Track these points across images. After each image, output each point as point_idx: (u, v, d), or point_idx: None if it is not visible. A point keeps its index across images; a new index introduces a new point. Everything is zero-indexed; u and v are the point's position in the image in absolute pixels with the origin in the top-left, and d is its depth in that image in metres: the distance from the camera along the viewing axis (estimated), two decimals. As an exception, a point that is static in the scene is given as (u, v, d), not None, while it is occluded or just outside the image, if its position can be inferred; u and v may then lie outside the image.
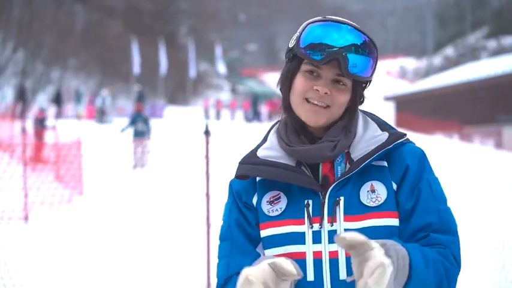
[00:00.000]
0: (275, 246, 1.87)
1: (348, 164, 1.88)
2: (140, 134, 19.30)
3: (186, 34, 76.07)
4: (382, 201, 1.85)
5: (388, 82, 79.48)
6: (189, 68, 57.80)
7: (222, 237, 1.98)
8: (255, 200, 1.95)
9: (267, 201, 1.92)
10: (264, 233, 1.91)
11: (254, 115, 44.00)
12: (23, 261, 7.89)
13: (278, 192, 1.92)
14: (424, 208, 1.86)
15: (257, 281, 1.62)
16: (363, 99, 1.97)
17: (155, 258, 8.31)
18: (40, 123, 20.95)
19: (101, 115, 34.55)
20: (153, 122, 35.68)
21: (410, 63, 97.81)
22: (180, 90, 66.27)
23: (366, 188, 1.86)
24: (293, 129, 1.94)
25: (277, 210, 1.90)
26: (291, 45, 1.92)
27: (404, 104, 49.09)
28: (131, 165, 18.82)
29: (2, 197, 11.37)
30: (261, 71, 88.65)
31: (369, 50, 1.87)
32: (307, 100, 1.87)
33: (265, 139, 2.00)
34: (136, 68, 51.16)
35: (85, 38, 58.35)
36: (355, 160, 1.87)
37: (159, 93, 59.02)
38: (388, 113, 51.82)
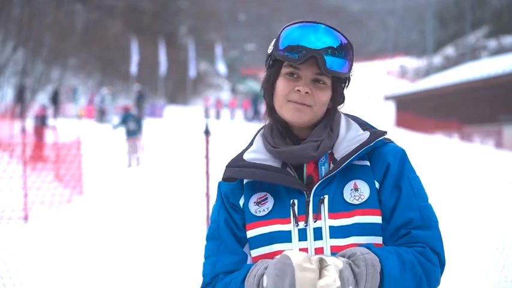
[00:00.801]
0: (262, 246, 1.92)
1: (331, 164, 1.93)
2: (132, 133, 19.68)
3: (186, 34, 76.09)
4: (365, 199, 1.90)
5: (389, 82, 79.52)
6: (189, 67, 57.83)
7: (209, 237, 2.02)
8: (241, 202, 1.99)
9: (254, 202, 1.97)
10: (251, 233, 1.96)
11: (254, 115, 43.98)
12: (22, 261, 7.88)
13: (265, 193, 1.97)
14: (405, 205, 1.89)
15: (314, 264, 1.67)
16: (343, 99, 2.02)
17: (155, 258, 8.31)
18: (41, 121, 20.82)
19: (100, 114, 34.53)
20: (153, 122, 35.78)
21: (411, 62, 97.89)
22: (180, 89, 66.29)
23: (349, 186, 1.91)
24: (278, 132, 1.99)
25: (264, 210, 1.95)
26: (269, 51, 1.98)
27: (405, 103, 49.13)
28: (126, 164, 19.08)
29: (1, 197, 11.38)
30: (261, 71, 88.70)
31: (345, 52, 1.92)
32: (289, 101, 1.92)
33: (251, 143, 2.06)
34: (133, 67, 51.17)
35: (85, 38, 58.38)
36: (338, 160, 1.92)
37: (159, 93, 59.06)
38: (388, 113, 51.85)
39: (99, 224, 10.61)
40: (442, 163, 20.39)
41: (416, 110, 44.34)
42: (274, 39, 1.96)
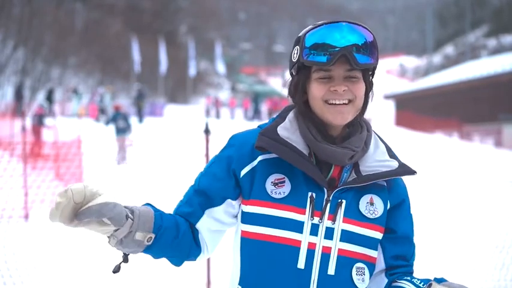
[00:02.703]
0: (271, 227, 1.95)
1: (353, 173, 2.01)
2: (122, 131, 20.15)
3: (186, 32, 76.04)
4: (378, 215, 2.02)
5: (388, 81, 79.48)
6: (189, 66, 57.78)
7: (195, 180, 2.14)
8: (243, 172, 2.02)
9: (272, 182, 1.98)
10: (258, 209, 1.98)
11: (254, 114, 43.96)
12: (23, 259, 7.89)
13: (283, 176, 1.99)
14: (408, 241, 2.10)
15: (70, 200, 1.77)
16: (372, 86, 2.09)
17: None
18: (38, 120, 20.96)
19: (99, 113, 34.52)
20: (153, 121, 35.77)
21: (410, 61, 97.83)
22: (180, 88, 66.24)
23: (365, 199, 2.01)
24: (313, 125, 2.01)
25: (280, 193, 1.97)
26: (294, 59, 2.00)
27: (404, 102, 49.09)
28: (115, 159, 19.44)
29: (2, 196, 11.37)
30: (261, 69, 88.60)
31: (370, 49, 1.96)
32: (327, 102, 1.96)
33: (283, 117, 2.08)
34: (137, 66, 51.16)
35: (85, 37, 58.31)
36: (363, 174, 2.00)
37: (159, 92, 59.02)
38: (388, 112, 51.82)
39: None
40: (441, 162, 20.39)
41: (416, 108, 44.32)
42: (297, 46, 1.99)
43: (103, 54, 57.53)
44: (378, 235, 2.01)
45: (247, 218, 1.99)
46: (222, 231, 2.11)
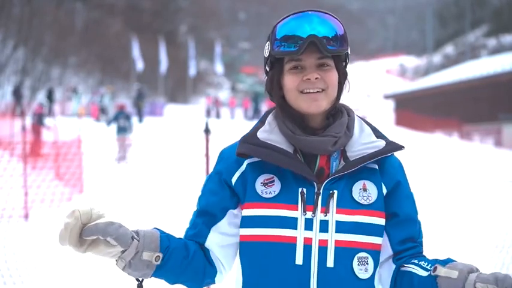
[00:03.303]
0: (264, 227, 1.95)
1: (342, 161, 1.99)
2: (123, 130, 20.45)
3: (186, 32, 76.05)
4: (372, 200, 1.98)
5: (388, 80, 79.44)
6: (189, 66, 57.78)
7: (196, 206, 2.13)
8: (234, 179, 2.02)
9: (261, 183, 1.98)
10: (251, 212, 1.98)
11: (254, 113, 43.93)
12: (23, 259, 7.89)
13: (272, 175, 1.99)
14: (412, 220, 2.07)
15: (78, 220, 1.86)
16: (346, 75, 2.06)
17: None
18: (38, 119, 21.03)
19: (100, 113, 34.53)
20: (153, 120, 35.77)
21: (410, 61, 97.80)
22: (180, 88, 66.27)
23: (358, 185, 1.98)
24: (292, 120, 2.00)
25: (270, 192, 1.97)
26: (266, 54, 2.01)
27: (404, 102, 49.10)
28: (115, 159, 19.65)
29: (2, 195, 11.37)
30: (261, 69, 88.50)
31: (340, 42, 1.95)
32: (302, 92, 1.95)
33: (262, 122, 2.08)
34: (139, 66, 51.15)
35: (85, 36, 58.33)
36: (351, 159, 1.98)
37: (159, 92, 59.03)
38: (388, 111, 51.82)
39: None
40: (441, 162, 20.39)
41: (415, 108, 44.31)
42: (268, 41, 2.00)
43: (103, 54, 57.54)
44: (379, 221, 1.98)
45: (243, 222, 1.99)
46: (233, 244, 2.07)
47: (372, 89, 70.56)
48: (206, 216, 2.05)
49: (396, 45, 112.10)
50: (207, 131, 7.07)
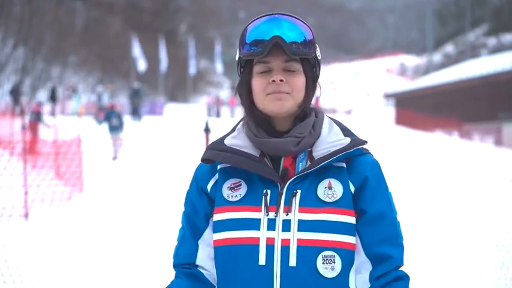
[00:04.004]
0: (229, 230, 1.97)
1: (309, 162, 1.99)
2: (114, 129, 20.75)
3: (186, 31, 76.07)
4: (337, 197, 1.96)
5: (388, 79, 79.49)
6: (189, 65, 57.80)
7: (181, 222, 2.14)
8: (209, 186, 2.05)
9: (228, 187, 2.01)
10: (219, 216, 2.00)
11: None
12: (23, 258, 7.89)
13: (239, 180, 2.01)
14: (387, 219, 2.00)
15: None
16: (316, 83, 2.05)
17: (156, 255, 8.32)
18: (36, 117, 21.12)
19: (97, 112, 34.51)
20: (153, 119, 35.75)
21: (410, 60, 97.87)
22: (180, 87, 66.32)
23: (323, 184, 1.98)
24: (260, 124, 2.02)
25: (236, 196, 1.99)
26: (237, 57, 2.04)
27: (404, 101, 49.09)
28: (111, 157, 19.98)
29: (2, 194, 11.37)
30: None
31: (308, 48, 1.96)
32: (268, 94, 1.96)
33: (233, 129, 2.11)
34: (141, 65, 51.13)
35: (85, 36, 58.35)
36: (316, 159, 1.97)
37: (159, 91, 59.06)
38: (388, 110, 51.82)
39: (100, 222, 10.62)
40: (441, 161, 20.39)
41: (416, 107, 44.29)
42: (239, 44, 2.00)
43: (103, 53, 57.58)
44: (345, 218, 1.95)
45: (213, 227, 2.03)
46: None
47: (372, 88, 70.58)
48: (191, 228, 2.08)
49: (396, 44, 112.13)
50: (207, 130, 7.08)
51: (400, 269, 2.00)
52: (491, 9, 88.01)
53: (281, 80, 1.94)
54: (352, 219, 1.97)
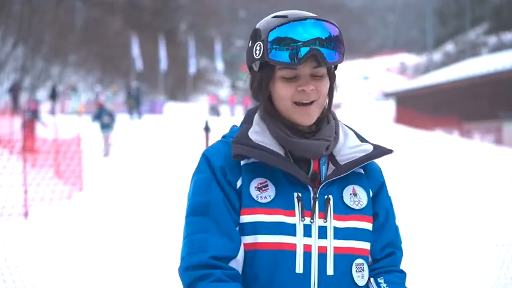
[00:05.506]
0: (266, 234, 1.86)
1: (331, 165, 1.95)
2: (106, 127, 21.09)
3: (186, 30, 76.04)
4: (364, 205, 1.96)
5: (388, 78, 79.48)
6: (189, 64, 57.80)
7: (195, 213, 1.91)
8: (239, 182, 1.90)
9: (256, 187, 1.90)
10: (249, 218, 1.88)
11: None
12: (23, 257, 7.89)
13: (265, 179, 1.91)
14: (390, 224, 2.03)
15: None
16: (335, 77, 2.00)
17: (156, 254, 8.31)
18: (32, 114, 21.19)
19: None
20: (153, 118, 35.75)
21: (411, 59, 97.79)
22: (180, 86, 66.30)
23: (348, 190, 1.95)
24: (280, 122, 1.94)
25: (266, 197, 1.88)
26: (257, 55, 1.91)
27: (405, 100, 49.08)
28: (102, 154, 20.48)
29: (1, 193, 11.36)
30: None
31: (334, 44, 1.88)
32: (296, 103, 1.89)
33: (249, 121, 1.99)
34: (139, 64, 51.13)
35: (85, 35, 58.35)
36: (341, 164, 1.94)
37: (159, 90, 59.05)
38: (388, 109, 51.81)
39: (99, 221, 10.62)
40: (441, 160, 20.39)
41: (416, 106, 44.27)
42: (259, 42, 1.90)
43: (103, 52, 57.57)
44: (369, 226, 1.95)
45: (243, 229, 1.89)
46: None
47: (372, 87, 70.54)
48: (223, 218, 1.89)
49: (396, 43, 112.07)
50: (206, 129, 7.07)
51: None
52: (491, 7, 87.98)
53: (311, 89, 1.88)
54: (371, 226, 1.97)
